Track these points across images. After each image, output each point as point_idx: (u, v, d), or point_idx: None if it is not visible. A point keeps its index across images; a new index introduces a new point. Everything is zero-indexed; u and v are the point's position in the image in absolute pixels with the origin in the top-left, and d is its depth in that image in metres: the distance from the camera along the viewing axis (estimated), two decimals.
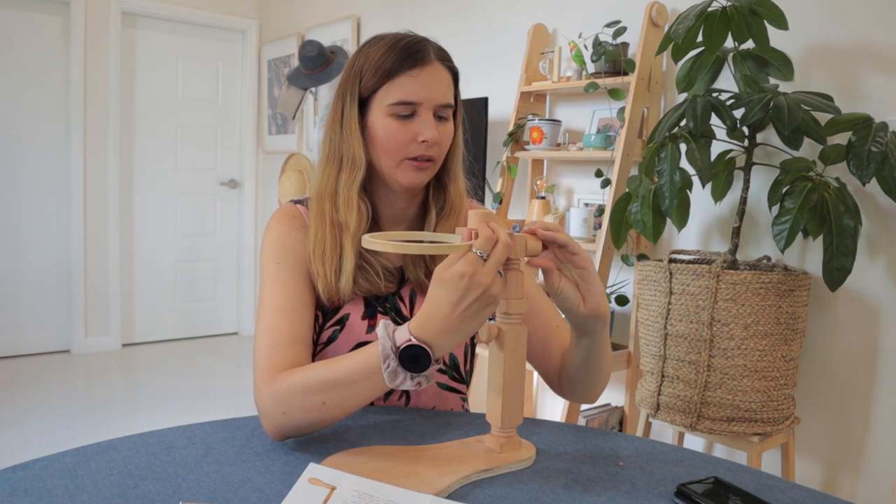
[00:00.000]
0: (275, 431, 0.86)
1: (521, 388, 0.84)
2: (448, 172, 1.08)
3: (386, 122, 0.98)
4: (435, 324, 0.78)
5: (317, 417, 0.85)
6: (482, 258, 0.76)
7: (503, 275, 0.81)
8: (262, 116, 4.66)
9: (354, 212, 1.00)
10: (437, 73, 0.99)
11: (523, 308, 0.83)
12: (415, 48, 0.98)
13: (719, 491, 0.74)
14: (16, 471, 0.75)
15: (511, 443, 0.84)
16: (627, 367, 2.30)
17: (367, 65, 1.00)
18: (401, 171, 1.00)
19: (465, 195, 1.10)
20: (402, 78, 0.97)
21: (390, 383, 0.79)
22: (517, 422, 0.85)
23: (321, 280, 0.99)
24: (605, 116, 2.44)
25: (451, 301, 0.77)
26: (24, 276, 3.96)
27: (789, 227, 1.57)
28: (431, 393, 1.08)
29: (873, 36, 1.78)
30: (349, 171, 1.01)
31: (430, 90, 0.98)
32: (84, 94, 3.98)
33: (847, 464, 1.85)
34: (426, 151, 0.99)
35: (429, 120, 0.98)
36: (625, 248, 2.25)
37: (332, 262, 0.99)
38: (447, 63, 1.02)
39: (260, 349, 0.93)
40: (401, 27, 1.07)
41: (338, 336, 1.03)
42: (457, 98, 1.06)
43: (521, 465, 0.82)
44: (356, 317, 1.03)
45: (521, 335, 0.83)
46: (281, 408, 0.85)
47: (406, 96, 0.97)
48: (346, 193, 1.01)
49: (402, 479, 0.74)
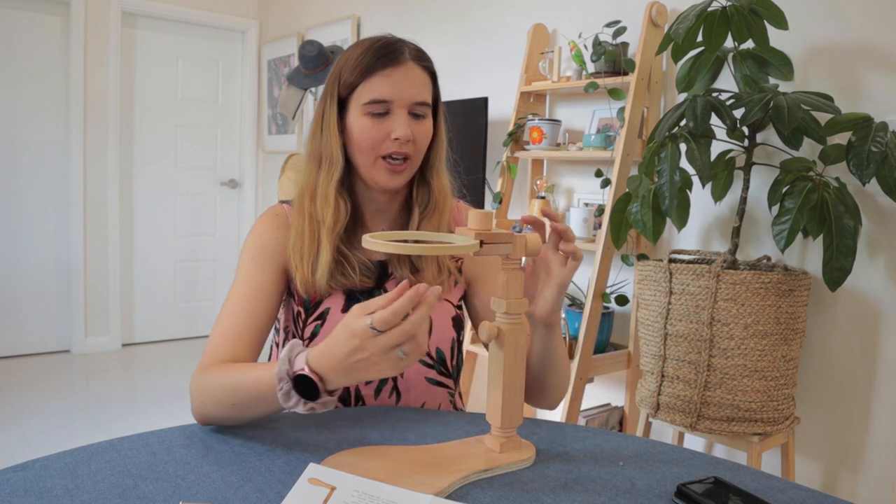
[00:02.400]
0: (196, 415, 0.93)
1: (521, 388, 0.85)
2: (431, 169, 1.10)
3: (361, 121, 1.02)
4: (329, 363, 0.77)
5: (228, 415, 0.89)
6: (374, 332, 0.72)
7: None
8: (262, 116, 4.66)
9: (331, 209, 1.04)
10: (410, 73, 1.02)
11: (523, 308, 0.83)
12: (389, 49, 1.02)
13: (719, 491, 0.74)
14: (16, 471, 0.75)
15: (511, 443, 0.84)
16: (627, 367, 2.30)
17: (346, 66, 1.03)
18: (376, 170, 1.03)
19: (449, 192, 1.12)
20: (375, 77, 1.01)
21: (284, 404, 0.80)
22: (517, 422, 0.85)
23: (299, 274, 1.03)
24: (605, 116, 2.44)
25: (344, 351, 0.75)
26: (24, 276, 3.96)
27: (789, 227, 1.57)
28: (421, 388, 1.09)
29: (873, 36, 1.78)
30: (327, 169, 1.05)
31: (404, 89, 1.01)
32: (84, 94, 3.98)
33: (847, 464, 1.85)
34: (399, 149, 1.02)
35: (402, 118, 1.01)
36: (625, 248, 2.25)
37: (308, 257, 1.03)
38: (423, 63, 1.05)
39: (211, 337, 0.99)
40: (401, 27, 1.09)
41: (319, 331, 1.05)
42: (437, 97, 1.09)
43: (521, 465, 0.82)
44: (336, 310, 1.05)
45: (521, 335, 0.83)
46: (201, 397, 0.91)
47: (379, 95, 1.00)
48: (324, 191, 1.04)
49: (402, 479, 0.74)
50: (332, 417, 0.96)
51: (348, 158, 1.06)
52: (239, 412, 0.88)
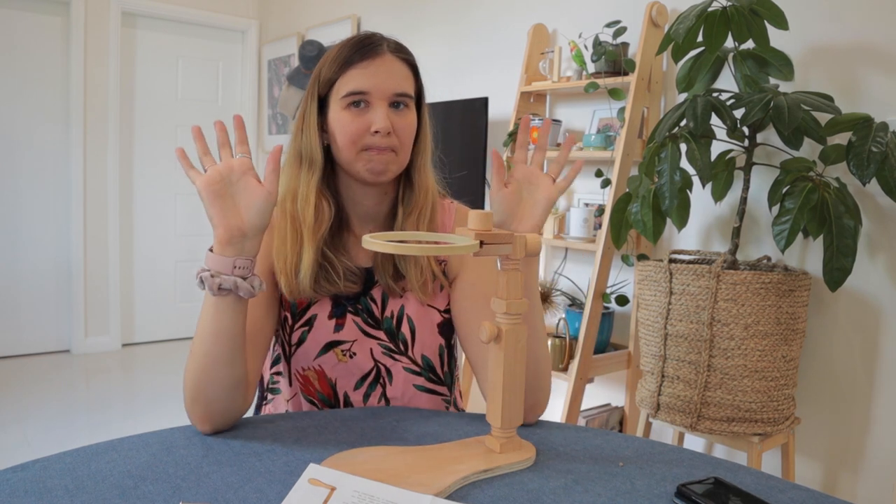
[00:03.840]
0: (189, 411, 0.89)
1: (521, 388, 0.84)
2: (414, 167, 1.08)
3: (341, 115, 1.01)
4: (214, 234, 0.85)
5: (209, 374, 0.87)
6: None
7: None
8: (263, 116, 4.66)
9: (312, 209, 1.02)
10: (388, 64, 1.01)
11: (523, 308, 0.83)
12: (365, 42, 1.01)
13: (719, 491, 0.74)
14: (16, 471, 0.75)
15: (511, 443, 0.84)
16: (627, 367, 2.30)
17: (325, 64, 1.03)
18: (360, 162, 1.01)
19: (434, 190, 1.10)
20: (352, 71, 1.00)
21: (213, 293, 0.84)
22: (517, 422, 0.85)
23: (283, 277, 1.01)
24: (605, 116, 2.44)
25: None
26: (24, 276, 3.96)
27: (789, 227, 1.57)
28: (410, 396, 1.08)
29: (873, 36, 1.77)
30: (308, 169, 1.04)
31: (381, 80, 1.00)
32: (84, 94, 3.98)
33: (847, 464, 1.84)
34: (381, 141, 0.99)
35: (381, 110, 1.00)
36: (625, 248, 2.25)
37: (291, 258, 1.02)
38: (402, 55, 1.04)
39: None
40: (401, 27, 1.08)
41: (307, 337, 1.04)
42: (420, 91, 1.07)
43: (521, 466, 0.82)
44: (323, 316, 1.05)
45: (521, 335, 0.83)
46: (185, 385, 0.88)
47: (356, 86, 0.99)
48: (305, 191, 1.03)
49: (401, 480, 0.74)
50: (332, 418, 0.96)
51: (333, 159, 1.05)
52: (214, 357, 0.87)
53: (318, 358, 1.05)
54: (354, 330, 1.06)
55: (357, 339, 1.06)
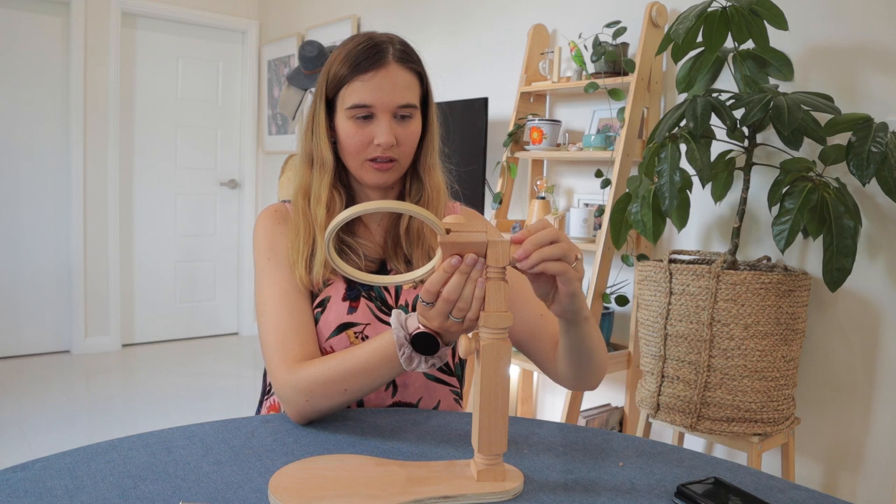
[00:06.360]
0: (298, 416, 0.93)
1: (504, 410, 0.75)
2: (423, 166, 1.10)
3: (346, 125, 1.03)
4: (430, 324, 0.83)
5: (339, 402, 0.93)
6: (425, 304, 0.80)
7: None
8: (262, 116, 4.66)
9: (323, 208, 1.05)
10: (393, 76, 1.01)
11: (505, 323, 0.74)
12: (370, 52, 1.01)
13: (719, 491, 0.74)
14: (16, 471, 0.75)
15: (492, 471, 0.75)
16: (627, 367, 2.30)
17: (332, 66, 1.04)
18: (364, 171, 1.05)
19: (442, 188, 1.13)
20: (356, 83, 1.01)
21: (407, 367, 0.86)
22: (499, 449, 0.75)
23: (297, 270, 1.04)
24: (605, 116, 2.44)
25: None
26: (24, 276, 3.96)
27: (789, 227, 1.57)
28: (419, 384, 1.08)
29: (873, 36, 1.77)
30: (319, 170, 1.07)
31: (384, 93, 1.00)
32: (84, 94, 3.98)
33: (847, 464, 1.84)
34: (383, 154, 1.02)
35: (384, 123, 1.01)
36: (625, 248, 2.25)
37: (304, 254, 1.04)
38: (408, 64, 1.03)
39: (269, 343, 0.99)
40: (401, 27, 1.09)
41: (319, 318, 1.05)
42: (427, 96, 1.08)
43: (496, 498, 0.73)
44: (337, 298, 1.06)
45: (504, 351, 0.74)
46: (304, 396, 0.92)
47: (359, 100, 1.01)
48: (317, 191, 1.07)
49: (354, 492, 0.71)
50: (332, 419, 0.96)
51: (340, 157, 1.08)
52: (350, 396, 0.92)
53: (330, 339, 1.05)
54: (368, 314, 1.07)
55: (370, 322, 1.06)
